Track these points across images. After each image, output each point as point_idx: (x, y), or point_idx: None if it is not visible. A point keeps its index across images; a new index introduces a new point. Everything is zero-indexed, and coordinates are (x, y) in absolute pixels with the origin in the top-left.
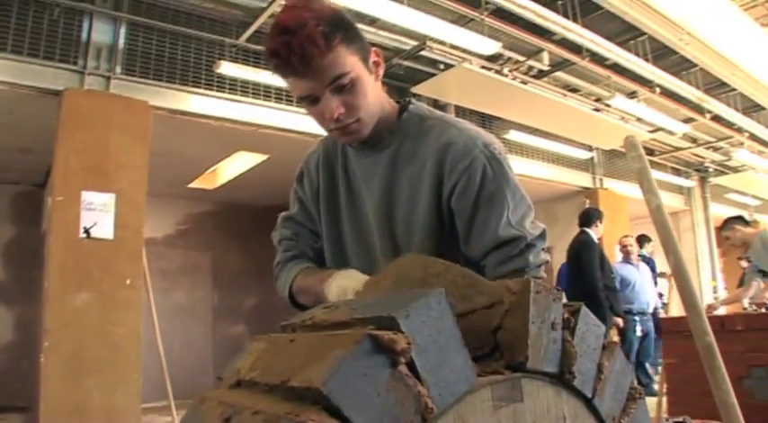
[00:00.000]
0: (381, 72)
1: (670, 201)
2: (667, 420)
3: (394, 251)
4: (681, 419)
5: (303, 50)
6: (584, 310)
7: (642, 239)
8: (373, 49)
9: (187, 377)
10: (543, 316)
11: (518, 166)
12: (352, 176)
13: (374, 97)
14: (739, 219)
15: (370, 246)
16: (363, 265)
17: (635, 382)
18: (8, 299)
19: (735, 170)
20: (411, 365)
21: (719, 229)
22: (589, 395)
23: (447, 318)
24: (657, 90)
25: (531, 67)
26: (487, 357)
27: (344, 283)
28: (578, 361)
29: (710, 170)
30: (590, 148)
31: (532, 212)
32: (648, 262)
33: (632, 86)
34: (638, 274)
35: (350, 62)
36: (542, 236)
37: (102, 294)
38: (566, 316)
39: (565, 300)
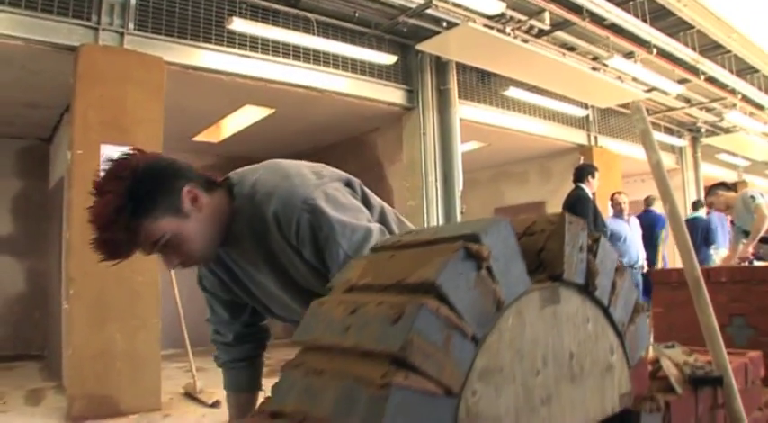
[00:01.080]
0: (204, 200)
1: (662, 159)
2: (659, 344)
3: (310, 294)
4: (670, 344)
5: (116, 248)
6: (603, 239)
7: (650, 199)
8: (185, 188)
9: (193, 326)
10: (574, 241)
11: (516, 123)
12: (241, 265)
13: (203, 230)
14: (722, 185)
15: (289, 308)
16: (283, 309)
17: (639, 299)
18: (18, 252)
19: (726, 131)
20: (488, 269)
21: (705, 196)
22: (606, 304)
23: (511, 236)
24: (654, 51)
25: (532, 27)
26: (535, 271)
27: None
28: (599, 277)
29: (703, 130)
30: (586, 107)
31: (372, 236)
32: (659, 219)
33: (630, 47)
34: (628, 229)
35: (162, 226)
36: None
37: None
38: (589, 242)
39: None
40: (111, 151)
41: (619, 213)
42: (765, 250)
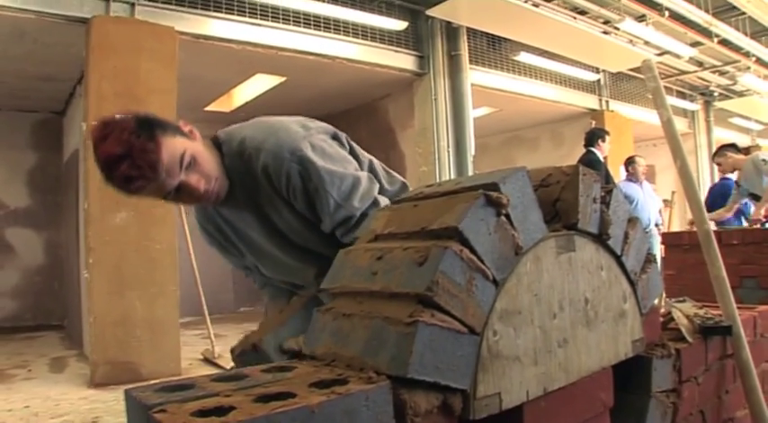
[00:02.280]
0: (197, 134)
1: (675, 123)
2: (669, 299)
3: (296, 249)
4: (681, 299)
5: (147, 162)
6: (616, 190)
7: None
8: (180, 121)
9: (210, 294)
10: (588, 192)
11: (527, 88)
12: (232, 223)
13: (209, 157)
14: (732, 146)
15: (277, 261)
16: (280, 275)
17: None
18: (36, 224)
19: (740, 94)
20: (507, 216)
21: (713, 156)
22: (618, 253)
23: (528, 186)
24: (666, 13)
25: None
26: (550, 221)
27: None
28: (611, 227)
29: (715, 94)
30: (597, 71)
31: (361, 184)
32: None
33: (641, 10)
34: (641, 193)
35: (179, 143)
36: (374, 203)
37: (139, 212)
38: (603, 194)
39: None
40: None
41: (632, 176)
42: None
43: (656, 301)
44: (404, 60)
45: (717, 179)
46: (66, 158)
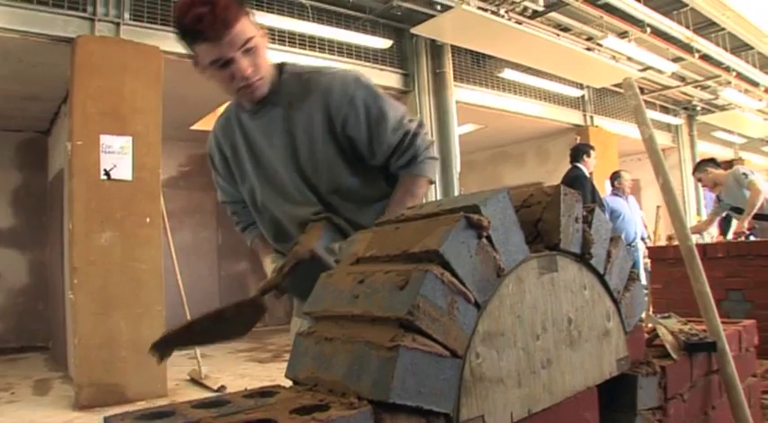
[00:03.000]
0: (267, 41)
1: (658, 138)
2: (655, 314)
3: (305, 183)
4: (667, 314)
5: (225, 17)
6: (598, 210)
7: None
8: (258, 22)
9: (195, 313)
10: (570, 212)
11: (512, 104)
12: (252, 137)
13: (267, 60)
14: (711, 161)
15: (282, 192)
16: (274, 206)
17: (633, 267)
18: (20, 244)
19: (722, 109)
20: (488, 239)
21: (693, 172)
22: (601, 272)
23: (509, 207)
24: (648, 30)
25: (526, 8)
26: (533, 242)
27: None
28: (594, 246)
29: (698, 108)
30: (581, 87)
31: (405, 110)
32: None
33: (623, 26)
34: (626, 207)
35: (253, 29)
36: (420, 124)
37: (124, 233)
38: (584, 213)
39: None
40: (111, 141)
41: (618, 191)
42: (762, 226)
43: (640, 318)
44: (389, 78)
45: (702, 193)
46: (51, 178)
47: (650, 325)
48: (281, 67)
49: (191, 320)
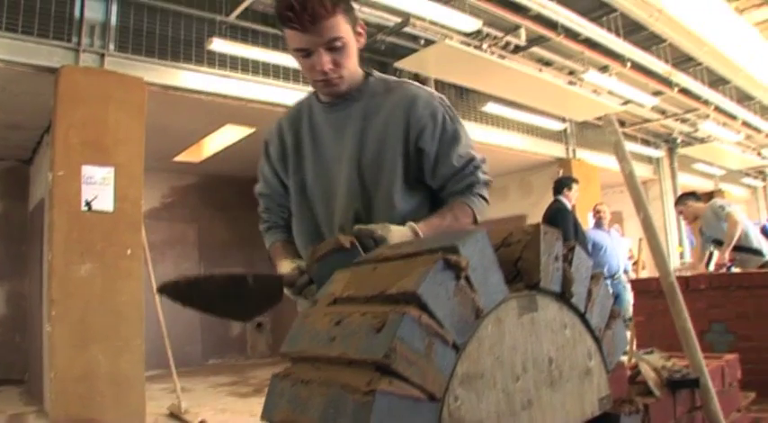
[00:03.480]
0: (363, 41)
1: (640, 170)
2: (638, 351)
3: (360, 186)
4: (649, 350)
5: (314, 10)
6: (578, 248)
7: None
8: (359, 21)
9: (177, 346)
10: (550, 250)
11: (495, 137)
12: (319, 130)
13: (355, 60)
14: (692, 195)
15: (332, 190)
16: (318, 203)
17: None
18: None
19: (701, 141)
20: (467, 279)
21: (675, 204)
22: (582, 310)
23: (488, 247)
24: (628, 64)
25: (508, 43)
26: (512, 281)
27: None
28: (574, 285)
29: (678, 141)
30: (563, 120)
31: (472, 142)
32: None
33: (604, 61)
34: (609, 240)
35: (345, 29)
36: (484, 159)
37: (104, 265)
38: (565, 252)
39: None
40: (93, 172)
41: (600, 224)
42: (742, 258)
43: (622, 357)
44: None
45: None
46: (32, 208)
47: (633, 360)
48: (368, 72)
49: (208, 275)
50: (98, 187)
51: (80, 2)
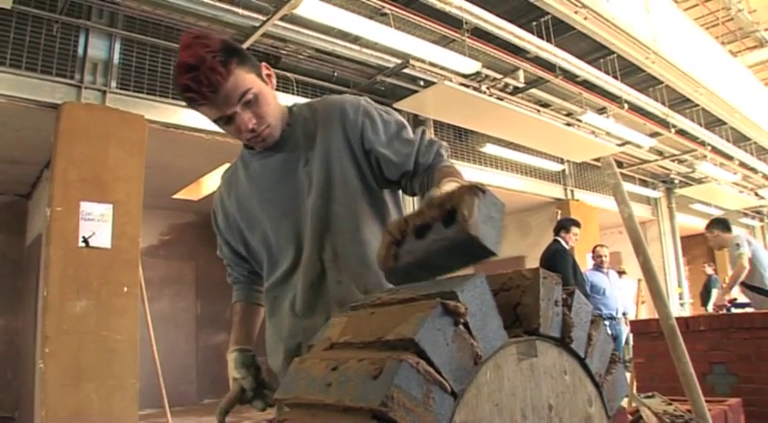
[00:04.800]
0: (274, 82)
1: (638, 211)
2: (639, 394)
3: (326, 211)
4: (650, 394)
5: (210, 80)
6: (577, 292)
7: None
8: (262, 63)
9: (171, 385)
10: (549, 295)
11: (493, 179)
12: (261, 178)
13: (275, 104)
14: (722, 223)
15: (296, 231)
16: (293, 250)
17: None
18: None
19: (699, 181)
20: (465, 325)
21: (706, 227)
22: (582, 355)
23: (487, 292)
24: (626, 106)
25: (507, 85)
26: (511, 326)
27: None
28: (574, 329)
29: (676, 181)
30: (562, 161)
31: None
32: None
33: (602, 102)
34: (607, 282)
35: (249, 80)
36: (423, 131)
37: (100, 302)
38: (564, 296)
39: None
40: (91, 208)
41: (599, 266)
42: (750, 296)
43: (622, 402)
44: None
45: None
46: (29, 243)
47: (633, 405)
48: (290, 107)
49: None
50: (96, 224)
51: (84, 40)
